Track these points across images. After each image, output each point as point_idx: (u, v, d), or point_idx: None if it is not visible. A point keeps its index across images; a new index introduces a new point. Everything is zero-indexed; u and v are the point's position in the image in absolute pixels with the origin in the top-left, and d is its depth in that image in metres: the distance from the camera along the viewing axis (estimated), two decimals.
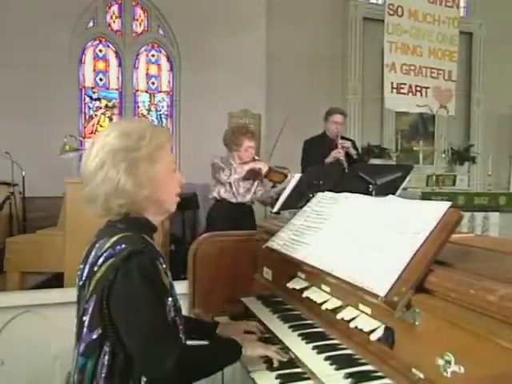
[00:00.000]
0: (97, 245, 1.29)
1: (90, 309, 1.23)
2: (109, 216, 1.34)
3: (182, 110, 6.65)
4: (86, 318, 1.24)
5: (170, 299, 1.30)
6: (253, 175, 3.58)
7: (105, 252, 1.24)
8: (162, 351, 1.18)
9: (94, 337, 1.23)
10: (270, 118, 6.68)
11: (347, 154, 3.98)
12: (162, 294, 1.26)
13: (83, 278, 1.29)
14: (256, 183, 3.65)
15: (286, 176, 3.58)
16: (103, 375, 1.22)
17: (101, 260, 1.23)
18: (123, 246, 1.22)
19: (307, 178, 2.46)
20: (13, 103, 5.64)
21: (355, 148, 4.22)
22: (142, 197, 1.30)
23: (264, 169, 3.54)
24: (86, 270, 1.28)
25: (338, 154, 3.90)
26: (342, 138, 4.11)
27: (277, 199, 3.67)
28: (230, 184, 3.50)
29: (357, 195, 1.68)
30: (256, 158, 3.70)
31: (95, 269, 1.24)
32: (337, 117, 4.11)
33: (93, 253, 1.28)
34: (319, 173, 2.69)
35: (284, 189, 3.20)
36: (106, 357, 1.22)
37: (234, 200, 3.55)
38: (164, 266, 1.31)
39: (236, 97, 6.39)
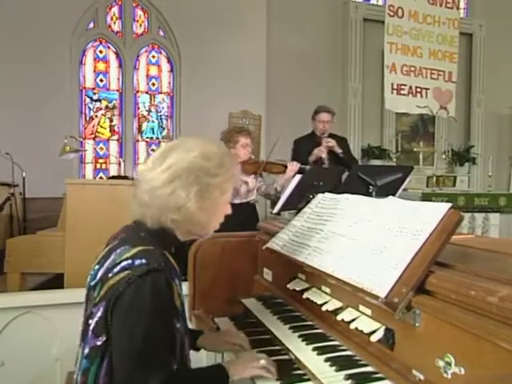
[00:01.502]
0: (117, 250, 1.26)
1: (98, 314, 1.21)
2: (148, 221, 1.30)
3: (182, 111, 6.65)
4: (92, 322, 1.23)
5: (181, 321, 1.28)
6: (251, 170, 3.62)
7: (123, 261, 1.21)
8: (146, 376, 1.14)
9: (99, 343, 1.21)
10: (271, 118, 6.69)
11: (333, 153, 4.00)
12: (170, 317, 1.23)
13: (96, 279, 1.27)
14: (256, 180, 3.66)
15: (285, 167, 3.61)
16: (105, 381, 1.21)
17: (117, 268, 1.21)
18: (143, 260, 1.19)
19: (307, 178, 2.46)
20: (13, 104, 5.64)
21: (346, 146, 4.23)
22: (198, 220, 1.30)
23: (251, 183, 3.58)
24: (101, 273, 1.26)
25: (319, 152, 3.93)
26: (332, 135, 4.11)
27: (280, 192, 3.70)
28: None
29: (357, 196, 1.68)
30: (252, 156, 3.73)
31: (110, 275, 1.21)
32: (323, 115, 4.10)
33: (111, 257, 1.26)
34: (319, 174, 2.69)
35: (286, 184, 3.21)
36: (109, 365, 1.21)
37: (236, 201, 3.56)
38: (179, 287, 1.29)
39: (236, 98, 6.40)
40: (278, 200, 2.79)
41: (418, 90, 5.93)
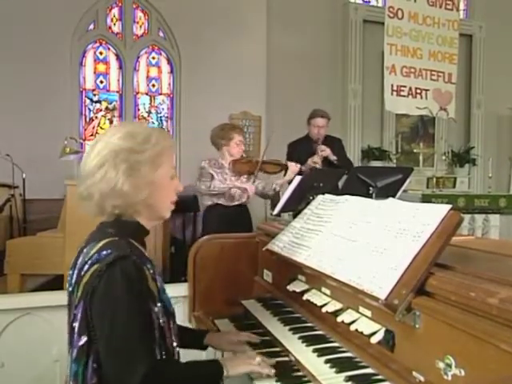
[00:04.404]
0: (84, 250, 1.28)
1: (79, 315, 1.22)
2: (103, 215, 1.33)
3: (182, 113, 6.65)
4: (76, 325, 1.23)
5: (158, 304, 1.27)
6: (244, 170, 3.50)
7: (91, 257, 1.23)
8: (130, 365, 1.14)
9: (81, 343, 1.21)
10: (271, 119, 6.69)
11: (327, 159, 3.95)
12: (146, 301, 1.23)
13: (72, 284, 1.28)
14: (250, 181, 3.53)
15: (282, 166, 3.52)
16: (93, 382, 1.21)
17: (87, 265, 1.22)
18: (109, 251, 1.21)
19: (307, 180, 2.46)
20: (13, 105, 5.64)
21: (341, 147, 4.19)
22: (137, 200, 1.29)
23: (250, 190, 3.45)
24: (75, 276, 1.27)
25: (313, 163, 3.87)
26: (327, 137, 4.07)
27: (279, 192, 3.63)
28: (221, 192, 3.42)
29: (357, 198, 1.68)
30: (244, 155, 3.63)
31: (82, 273, 1.23)
32: (317, 120, 4.03)
33: (80, 258, 1.28)
34: (319, 175, 2.69)
35: (287, 183, 3.15)
36: (94, 364, 1.20)
37: (229, 203, 3.48)
38: (152, 271, 1.28)
39: (236, 99, 6.40)
40: (277, 200, 2.77)
41: (418, 91, 5.93)
